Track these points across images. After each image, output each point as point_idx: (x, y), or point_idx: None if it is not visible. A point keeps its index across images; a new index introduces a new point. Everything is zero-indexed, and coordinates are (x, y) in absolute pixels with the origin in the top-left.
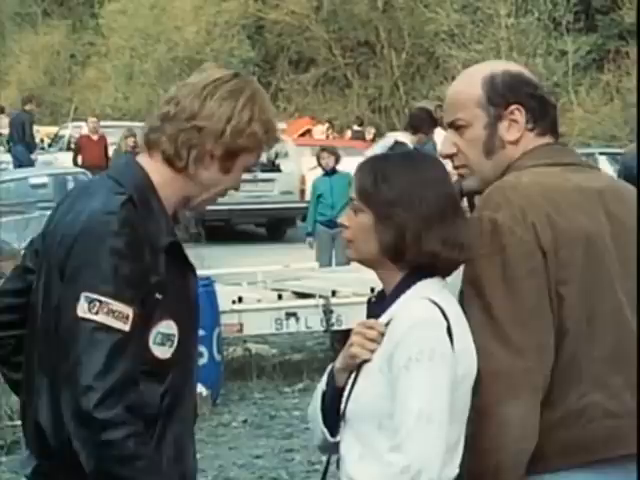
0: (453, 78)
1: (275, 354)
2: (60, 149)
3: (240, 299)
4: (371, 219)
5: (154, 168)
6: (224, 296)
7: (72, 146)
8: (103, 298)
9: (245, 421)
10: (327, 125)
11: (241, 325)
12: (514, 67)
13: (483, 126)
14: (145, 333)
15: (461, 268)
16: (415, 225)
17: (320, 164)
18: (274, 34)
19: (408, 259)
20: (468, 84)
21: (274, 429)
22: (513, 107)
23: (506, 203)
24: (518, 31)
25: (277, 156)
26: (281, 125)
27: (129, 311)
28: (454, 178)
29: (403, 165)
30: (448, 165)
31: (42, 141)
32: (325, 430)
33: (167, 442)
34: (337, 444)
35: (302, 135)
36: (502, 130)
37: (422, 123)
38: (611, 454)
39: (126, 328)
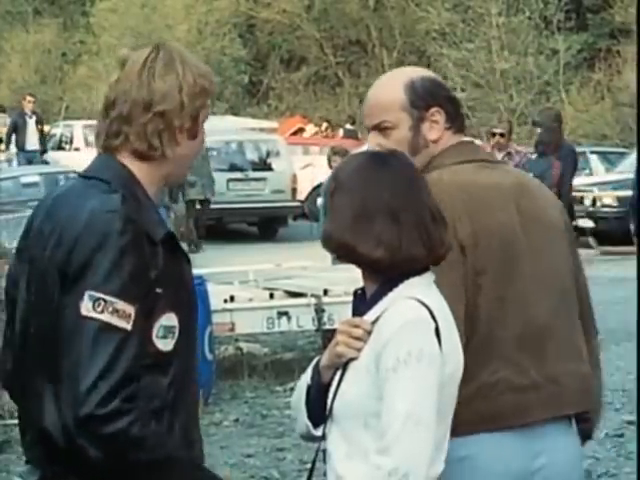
0: (444, 77)
1: (267, 353)
2: (52, 148)
3: (232, 298)
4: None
5: (129, 163)
6: (216, 295)
7: (64, 145)
8: (108, 297)
9: (237, 420)
10: (326, 125)
11: (233, 324)
12: (429, 73)
13: (408, 128)
14: (148, 328)
15: None
16: (339, 216)
17: (330, 167)
18: (265, 33)
19: (335, 250)
20: (390, 90)
21: (266, 428)
22: (434, 109)
23: None
24: (509, 30)
25: (269, 155)
26: (272, 124)
27: (132, 310)
28: None
29: (357, 162)
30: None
31: None
32: (309, 424)
33: (175, 433)
34: (320, 436)
35: (294, 134)
36: (425, 130)
37: None
38: (516, 423)
39: (128, 327)
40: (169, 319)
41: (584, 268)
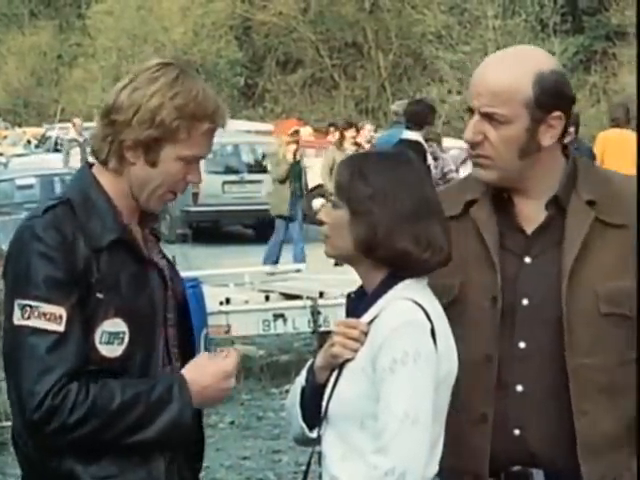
0: (440, 79)
1: (262, 355)
2: (47, 150)
3: (228, 300)
4: (346, 214)
5: (98, 171)
6: (212, 297)
7: (59, 147)
8: (33, 302)
9: (232, 422)
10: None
11: (228, 326)
12: (557, 64)
13: (525, 128)
14: (90, 333)
15: None
16: (388, 222)
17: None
18: (261, 35)
19: (380, 256)
20: (518, 78)
21: (261, 430)
22: (557, 113)
23: None
24: (505, 32)
25: (264, 157)
26: (268, 126)
27: (61, 311)
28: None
29: (381, 163)
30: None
31: (29, 142)
32: (304, 426)
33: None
34: (316, 438)
35: None
36: (540, 133)
37: (426, 117)
38: None
39: (60, 329)
40: (114, 325)
41: None
